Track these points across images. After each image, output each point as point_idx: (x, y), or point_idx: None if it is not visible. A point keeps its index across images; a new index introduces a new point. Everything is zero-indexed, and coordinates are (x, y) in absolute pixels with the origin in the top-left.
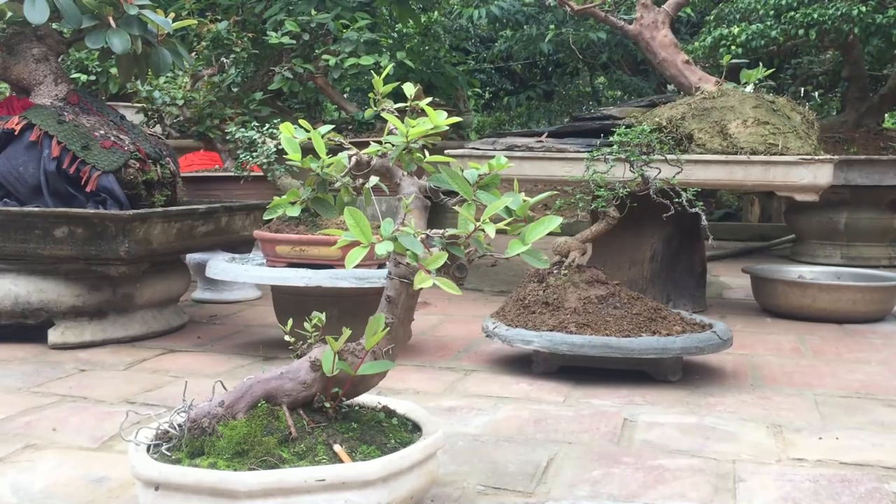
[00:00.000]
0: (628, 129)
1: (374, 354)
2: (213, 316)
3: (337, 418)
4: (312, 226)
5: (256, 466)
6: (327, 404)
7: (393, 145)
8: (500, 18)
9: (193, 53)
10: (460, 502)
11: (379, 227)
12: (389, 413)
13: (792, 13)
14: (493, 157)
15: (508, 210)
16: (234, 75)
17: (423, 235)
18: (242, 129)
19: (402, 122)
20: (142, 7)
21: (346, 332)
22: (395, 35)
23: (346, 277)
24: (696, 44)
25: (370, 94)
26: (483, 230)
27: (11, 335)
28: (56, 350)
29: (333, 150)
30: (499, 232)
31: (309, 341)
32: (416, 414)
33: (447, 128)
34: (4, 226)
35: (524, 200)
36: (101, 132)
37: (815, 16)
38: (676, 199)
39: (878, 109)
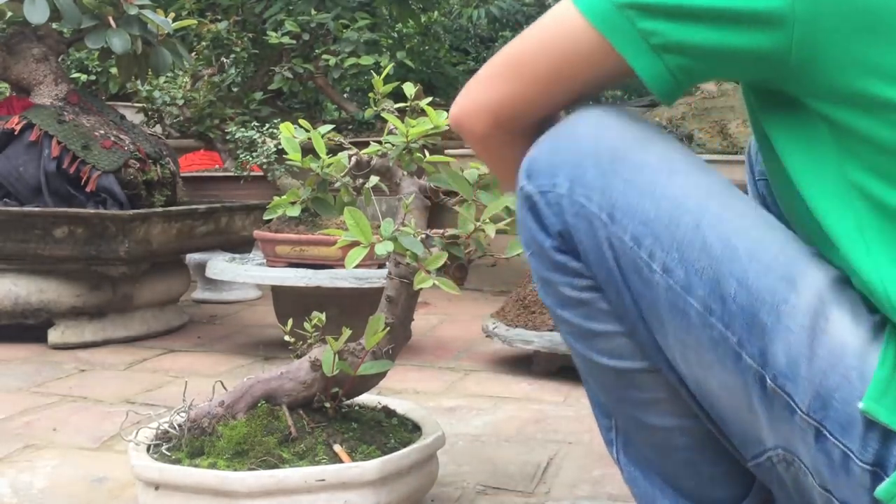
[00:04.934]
0: None
1: (374, 354)
2: (213, 316)
3: (337, 418)
4: (312, 226)
5: (256, 466)
6: (327, 404)
7: (393, 145)
8: (500, 19)
9: (193, 53)
10: (460, 502)
11: (379, 227)
12: (389, 413)
13: None
14: None
15: (509, 210)
16: (234, 75)
17: (423, 235)
18: (242, 129)
19: (402, 122)
20: (142, 7)
21: (346, 332)
22: (395, 35)
23: (346, 277)
24: None
25: (370, 94)
26: (483, 230)
27: (11, 335)
28: (56, 350)
29: (333, 150)
30: (499, 232)
31: (309, 341)
32: (416, 414)
33: (447, 128)
34: (4, 226)
35: None
36: (101, 132)
37: None
38: None
39: None
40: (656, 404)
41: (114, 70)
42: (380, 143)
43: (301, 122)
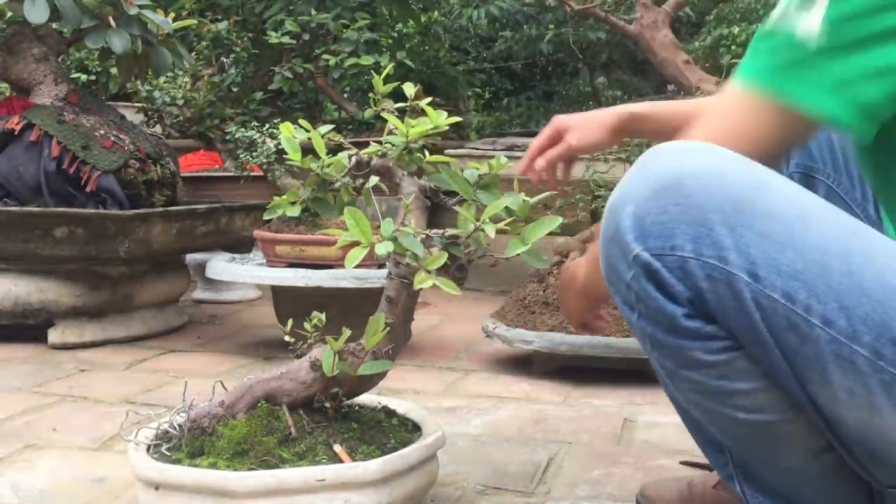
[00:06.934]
0: None
1: (374, 354)
2: (213, 316)
3: (337, 418)
4: (312, 226)
5: (256, 466)
6: (327, 404)
7: (393, 145)
8: (500, 19)
9: (193, 53)
10: (460, 502)
11: (379, 227)
12: (389, 413)
13: None
14: (493, 157)
15: (508, 210)
16: (234, 75)
17: (423, 235)
18: (242, 129)
19: (402, 122)
20: (142, 7)
21: (346, 332)
22: (395, 35)
23: (346, 277)
24: (697, 44)
25: (370, 94)
26: (483, 230)
27: (11, 335)
28: (56, 350)
29: (333, 150)
30: (499, 232)
31: (309, 341)
32: (416, 414)
33: (447, 128)
34: (5, 226)
35: (524, 200)
36: (101, 132)
37: None
38: None
39: None
40: (792, 449)
41: (114, 70)
42: (380, 143)
43: (301, 122)
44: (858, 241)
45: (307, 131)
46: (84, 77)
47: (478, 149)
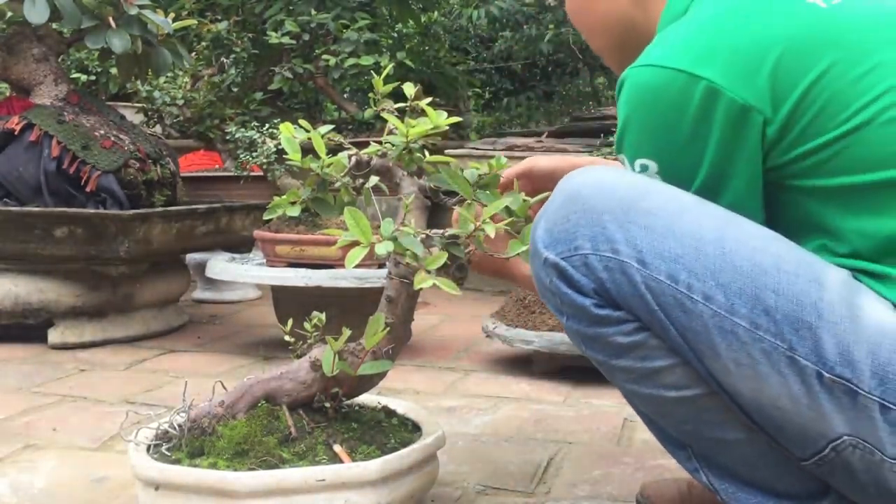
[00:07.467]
0: None
1: (374, 354)
2: (213, 316)
3: (337, 418)
4: (312, 226)
5: (256, 466)
6: (327, 404)
7: (393, 145)
8: (500, 19)
9: (193, 53)
10: (460, 502)
11: (379, 227)
12: (389, 413)
13: None
14: (493, 157)
15: (508, 210)
16: (234, 75)
17: (423, 235)
18: (242, 129)
19: (402, 122)
20: (142, 7)
21: (346, 332)
22: (395, 35)
23: (346, 277)
24: None
25: (370, 95)
26: (483, 230)
27: (11, 335)
28: (56, 350)
29: (333, 150)
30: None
31: (309, 341)
32: (416, 414)
33: (447, 128)
34: (4, 226)
35: (524, 200)
36: (101, 132)
37: None
38: None
39: None
40: (729, 421)
41: (114, 70)
42: (380, 143)
43: (301, 122)
44: (731, 229)
45: (307, 131)
46: (84, 77)
47: (478, 149)
